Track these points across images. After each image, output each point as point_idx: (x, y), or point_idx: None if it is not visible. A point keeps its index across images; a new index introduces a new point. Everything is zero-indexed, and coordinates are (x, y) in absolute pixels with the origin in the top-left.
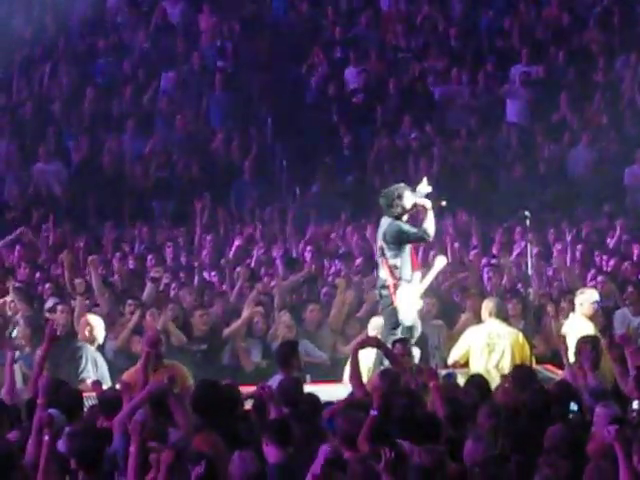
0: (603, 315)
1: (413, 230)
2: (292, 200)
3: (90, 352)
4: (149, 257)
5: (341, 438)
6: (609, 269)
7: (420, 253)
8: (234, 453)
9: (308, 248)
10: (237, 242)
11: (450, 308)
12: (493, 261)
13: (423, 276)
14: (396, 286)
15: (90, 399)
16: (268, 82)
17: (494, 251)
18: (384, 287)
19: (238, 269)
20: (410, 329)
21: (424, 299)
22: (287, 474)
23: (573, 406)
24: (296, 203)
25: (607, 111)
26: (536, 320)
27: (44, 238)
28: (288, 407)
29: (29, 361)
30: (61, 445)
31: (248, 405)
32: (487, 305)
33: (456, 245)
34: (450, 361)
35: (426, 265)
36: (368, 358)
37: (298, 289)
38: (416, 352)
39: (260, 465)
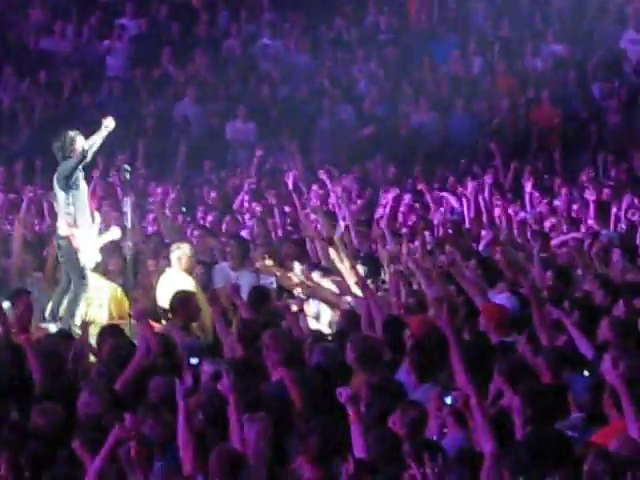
0: (202, 270)
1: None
2: None
3: None
4: None
5: None
6: (207, 224)
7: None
8: None
9: None
10: None
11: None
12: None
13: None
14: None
15: None
16: None
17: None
18: (62, 238)
19: None
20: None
21: None
22: None
23: (193, 360)
24: None
25: (211, 66)
26: (134, 275)
27: None
28: None
29: None
30: None
31: None
32: None
33: None
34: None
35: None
36: None
37: None
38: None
39: None
